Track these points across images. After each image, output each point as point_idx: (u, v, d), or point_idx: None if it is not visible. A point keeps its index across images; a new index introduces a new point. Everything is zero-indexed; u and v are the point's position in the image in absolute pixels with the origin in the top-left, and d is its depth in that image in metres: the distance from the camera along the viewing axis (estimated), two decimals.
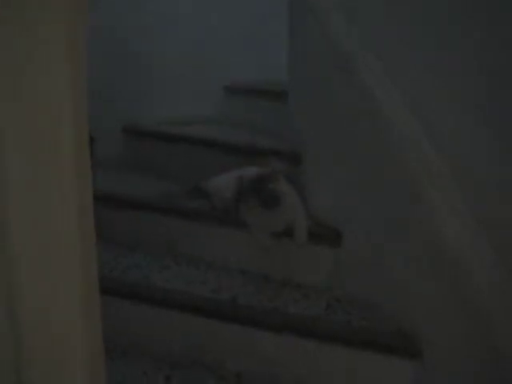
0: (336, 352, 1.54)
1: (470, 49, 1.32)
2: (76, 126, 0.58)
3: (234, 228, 1.90)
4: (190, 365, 1.62)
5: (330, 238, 1.83)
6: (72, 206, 0.59)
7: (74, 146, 0.59)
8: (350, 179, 1.78)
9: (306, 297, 1.74)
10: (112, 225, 2.06)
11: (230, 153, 2.37)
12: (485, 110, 1.27)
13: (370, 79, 1.67)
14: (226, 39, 2.85)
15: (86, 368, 0.60)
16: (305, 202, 1.82)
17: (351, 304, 1.69)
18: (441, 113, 1.42)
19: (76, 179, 0.60)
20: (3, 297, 0.55)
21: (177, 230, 2.00)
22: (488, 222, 1.25)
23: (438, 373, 1.38)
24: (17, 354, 0.57)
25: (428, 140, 1.45)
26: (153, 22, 2.73)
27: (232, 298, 1.69)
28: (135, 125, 2.68)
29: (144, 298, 1.71)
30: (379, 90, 1.64)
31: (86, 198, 0.62)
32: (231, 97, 2.90)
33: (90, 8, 0.61)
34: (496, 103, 1.23)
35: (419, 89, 1.51)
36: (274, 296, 1.73)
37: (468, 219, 1.29)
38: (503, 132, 1.21)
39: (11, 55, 0.52)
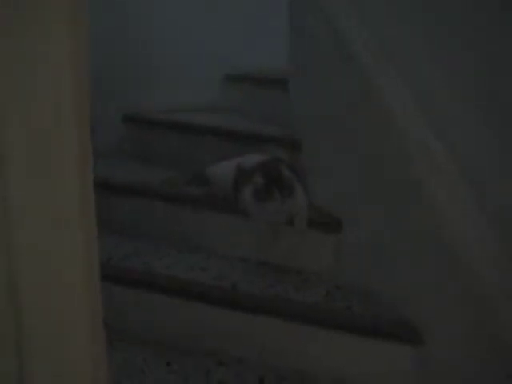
0: (336, 339, 1.55)
1: (471, 48, 1.32)
2: (77, 114, 0.58)
3: (234, 215, 1.91)
4: (190, 351, 1.64)
5: (330, 225, 1.84)
6: (73, 194, 0.60)
7: (75, 134, 0.59)
8: (350, 167, 1.79)
9: (307, 284, 1.76)
10: (112, 212, 2.07)
11: (231, 140, 2.37)
12: (486, 106, 1.27)
13: (372, 68, 1.68)
14: (227, 27, 2.84)
15: (87, 354, 0.62)
16: (305, 189, 1.82)
17: (351, 291, 1.71)
18: (443, 104, 1.43)
19: (77, 167, 0.60)
20: (3, 284, 0.56)
21: (177, 217, 2.01)
22: (489, 211, 1.26)
23: (439, 359, 1.40)
24: (18, 347, 0.58)
25: (429, 129, 1.46)
26: (153, 11, 2.72)
27: (232, 285, 1.71)
28: (135, 113, 2.68)
29: (144, 285, 1.72)
30: (380, 78, 1.64)
31: (87, 185, 0.63)
32: (231, 85, 2.90)
33: None
34: (497, 100, 1.24)
35: (420, 78, 1.51)
36: (274, 283, 1.74)
37: (469, 208, 1.30)
38: (504, 128, 1.22)
39: (11, 43, 0.52)
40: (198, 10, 2.82)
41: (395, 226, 1.57)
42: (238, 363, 1.60)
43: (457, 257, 1.30)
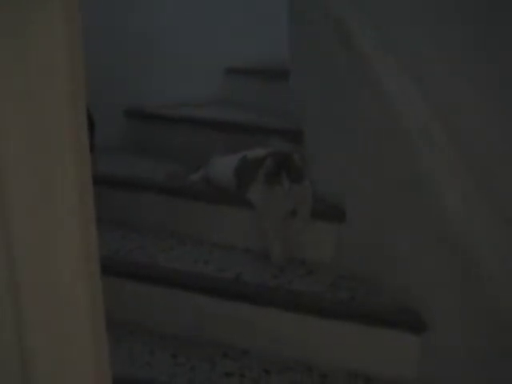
0: (341, 329, 1.56)
1: (470, 21, 1.32)
2: (74, 106, 0.59)
3: (237, 207, 1.92)
4: (195, 343, 1.65)
5: (332, 215, 1.85)
6: (72, 190, 0.61)
7: (73, 130, 0.59)
8: (351, 155, 1.79)
9: (310, 274, 1.76)
10: (117, 207, 2.08)
11: (233, 133, 2.37)
12: (485, 81, 1.27)
13: (371, 54, 1.67)
14: (227, 21, 2.84)
15: (88, 352, 0.62)
16: (309, 179, 1.82)
17: (355, 280, 1.71)
18: (442, 85, 1.43)
19: (75, 165, 0.61)
20: (2, 282, 0.57)
21: (180, 210, 2.02)
22: (489, 191, 1.26)
23: (443, 346, 1.40)
24: (19, 346, 0.58)
25: (431, 114, 1.46)
26: (153, 5, 2.72)
27: (236, 276, 1.72)
28: (137, 108, 2.69)
29: (149, 278, 1.73)
30: (380, 65, 1.64)
31: (86, 181, 0.64)
32: (232, 78, 2.90)
33: None
34: (497, 76, 1.23)
35: (420, 61, 1.51)
36: (277, 273, 1.75)
37: (469, 190, 1.30)
38: (504, 103, 1.21)
39: (6, 31, 0.53)
40: (198, 4, 2.81)
41: (397, 214, 1.58)
42: (243, 354, 1.61)
43: (457, 243, 1.30)
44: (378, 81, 1.62)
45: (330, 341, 1.58)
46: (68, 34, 0.56)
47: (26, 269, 0.58)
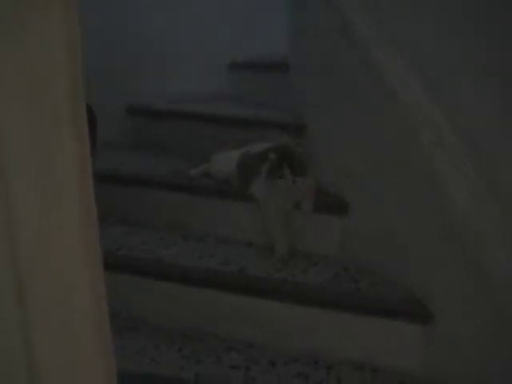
0: (346, 319, 1.57)
1: (471, 11, 1.32)
2: (74, 106, 0.59)
3: (240, 201, 1.92)
4: (200, 336, 1.66)
5: (335, 207, 1.85)
6: (74, 187, 0.61)
7: (73, 129, 0.60)
8: (354, 148, 1.79)
9: (315, 266, 1.77)
10: (120, 203, 2.08)
11: (236, 127, 2.37)
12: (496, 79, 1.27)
13: (372, 45, 1.67)
14: (228, 16, 2.83)
15: (93, 348, 0.63)
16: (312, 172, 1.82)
17: (359, 272, 1.71)
18: (446, 78, 1.43)
19: (76, 164, 0.61)
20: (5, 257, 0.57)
21: (184, 205, 2.03)
22: (497, 185, 1.26)
23: (449, 337, 1.41)
24: (26, 342, 0.59)
25: (434, 105, 1.46)
26: (155, 3, 2.71)
27: (240, 270, 1.72)
28: (140, 104, 2.68)
29: (153, 274, 1.74)
30: (380, 53, 1.64)
31: (87, 178, 0.64)
32: (235, 73, 2.89)
33: None
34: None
35: (423, 52, 1.51)
36: (281, 266, 1.75)
37: (477, 183, 1.31)
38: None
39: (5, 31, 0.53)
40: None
41: (400, 207, 1.58)
42: (249, 347, 1.61)
43: (463, 237, 1.30)
44: (378, 72, 1.62)
45: (335, 332, 1.58)
46: (68, 34, 0.56)
47: (30, 269, 0.58)
